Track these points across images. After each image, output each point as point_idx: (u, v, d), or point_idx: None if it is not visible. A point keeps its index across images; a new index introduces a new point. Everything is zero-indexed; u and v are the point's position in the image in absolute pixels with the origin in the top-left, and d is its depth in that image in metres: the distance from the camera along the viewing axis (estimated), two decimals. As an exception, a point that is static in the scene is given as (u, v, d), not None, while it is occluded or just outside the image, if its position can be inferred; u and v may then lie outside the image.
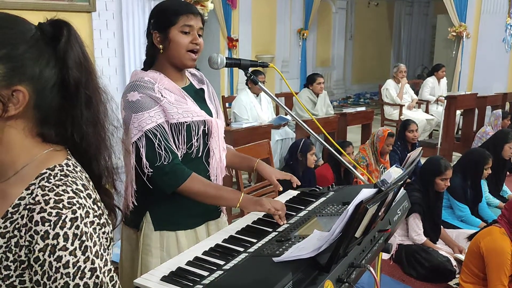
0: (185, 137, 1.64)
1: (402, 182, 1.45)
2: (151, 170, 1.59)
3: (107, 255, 0.85)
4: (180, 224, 1.72)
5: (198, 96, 1.77)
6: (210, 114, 1.75)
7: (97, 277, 0.80)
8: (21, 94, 0.82)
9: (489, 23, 7.76)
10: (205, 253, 1.41)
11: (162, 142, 1.59)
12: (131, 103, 1.60)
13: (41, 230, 0.77)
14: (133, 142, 1.58)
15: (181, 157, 1.66)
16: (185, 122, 1.64)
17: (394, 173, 1.47)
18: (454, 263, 3.30)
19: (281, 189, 1.84)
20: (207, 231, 1.79)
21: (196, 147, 1.68)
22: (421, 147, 2.10)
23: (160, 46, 1.66)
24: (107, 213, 0.93)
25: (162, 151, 1.58)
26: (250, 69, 1.88)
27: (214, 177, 1.77)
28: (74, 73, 0.87)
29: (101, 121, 0.93)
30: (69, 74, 0.87)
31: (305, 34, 9.80)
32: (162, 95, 1.62)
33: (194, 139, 1.67)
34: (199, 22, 1.66)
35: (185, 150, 1.66)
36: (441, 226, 3.65)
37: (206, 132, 1.71)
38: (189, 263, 1.34)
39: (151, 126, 1.58)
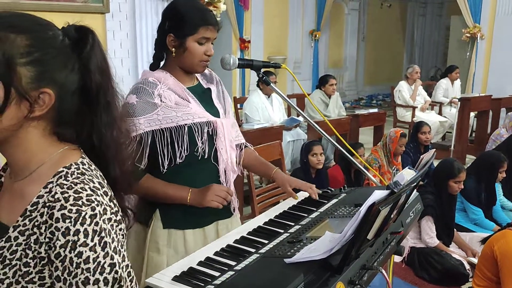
0: (187, 139, 1.64)
1: (415, 184, 1.44)
2: None
3: (124, 251, 0.86)
4: (188, 222, 1.73)
5: (205, 96, 1.78)
6: (216, 114, 1.75)
7: (116, 272, 0.82)
8: (48, 96, 0.84)
9: (504, 24, 7.67)
10: (216, 253, 1.41)
11: (138, 151, 1.59)
12: (125, 105, 1.61)
13: (62, 227, 0.79)
14: None
15: (182, 159, 1.65)
16: (186, 124, 1.64)
17: (407, 175, 1.46)
18: (467, 266, 3.27)
19: (296, 197, 1.83)
20: (216, 230, 1.79)
21: (202, 148, 1.68)
22: (434, 149, 2.08)
23: (173, 49, 1.67)
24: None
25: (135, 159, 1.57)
26: (262, 70, 1.88)
27: (223, 178, 1.76)
28: (96, 78, 0.89)
29: (119, 125, 0.95)
30: (92, 79, 0.89)
31: (317, 35, 9.77)
32: (161, 100, 1.63)
33: (199, 140, 1.66)
34: (215, 33, 1.68)
35: (188, 152, 1.65)
36: (454, 229, 3.62)
37: (211, 133, 1.71)
38: (200, 263, 1.34)
39: (136, 134, 1.59)
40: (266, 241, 1.48)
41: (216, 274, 1.27)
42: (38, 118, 0.86)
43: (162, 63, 1.77)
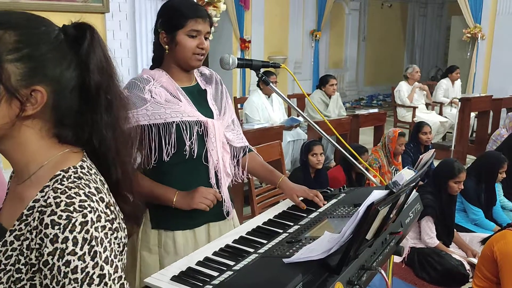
0: (175, 137, 1.64)
1: (414, 184, 1.43)
2: None
3: (119, 261, 0.83)
4: (178, 224, 1.71)
5: (200, 97, 1.77)
6: (210, 115, 1.73)
7: (106, 284, 0.78)
8: (40, 94, 0.81)
9: (504, 24, 7.66)
10: (215, 253, 1.41)
11: None
12: None
13: (50, 233, 0.76)
14: None
15: (169, 157, 1.64)
16: (174, 121, 1.63)
17: (406, 175, 1.46)
18: (467, 267, 3.26)
19: (304, 207, 1.78)
20: (207, 232, 1.76)
21: (191, 147, 1.66)
22: (433, 149, 2.07)
23: (166, 46, 1.68)
24: (122, 217, 0.92)
25: None
26: (262, 70, 1.87)
27: (214, 180, 1.73)
28: (96, 76, 0.86)
29: (121, 125, 0.92)
30: (90, 77, 0.86)
31: (317, 36, 9.78)
32: (151, 95, 1.63)
33: (187, 139, 1.65)
34: (207, 26, 1.67)
35: (175, 150, 1.64)
36: (454, 230, 3.61)
37: (201, 133, 1.69)
38: (199, 263, 1.34)
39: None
40: (265, 241, 1.47)
41: (215, 274, 1.26)
42: (32, 117, 0.83)
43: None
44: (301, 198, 1.83)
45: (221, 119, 1.77)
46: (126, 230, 0.92)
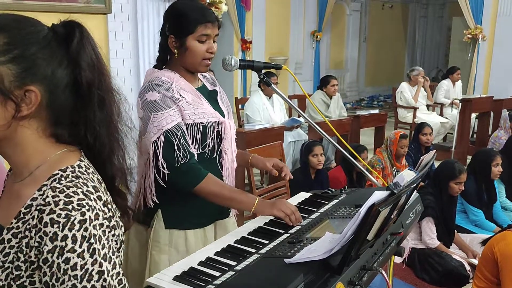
0: (200, 137, 1.67)
1: (415, 185, 1.44)
2: (168, 170, 1.61)
3: (116, 258, 0.84)
4: (190, 223, 1.75)
5: (211, 97, 1.80)
6: (222, 115, 1.78)
7: (105, 280, 0.80)
8: (33, 94, 0.82)
9: (505, 25, 7.67)
10: (217, 253, 1.41)
11: (181, 142, 1.61)
12: (150, 103, 1.62)
13: (50, 232, 0.77)
14: (153, 142, 1.61)
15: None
16: (201, 123, 1.67)
17: (407, 176, 1.46)
18: (468, 267, 3.27)
19: (276, 174, 1.83)
20: (214, 230, 1.82)
21: (210, 147, 1.70)
22: (434, 150, 2.08)
23: (175, 50, 1.69)
24: (119, 215, 0.93)
25: (180, 151, 1.60)
26: (263, 71, 1.88)
27: (226, 178, 1.80)
28: (87, 73, 0.87)
29: (114, 121, 0.93)
30: (82, 74, 0.86)
31: (318, 36, 9.79)
32: (180, 95, 1.65)
33: (209, 139, 1.69)
34: (216, 30, 1.69)
35: (199, 150, 1.68)
36: (455, 230, 3.62)
37: (220, 133, 1.74)
38: (201, 263, 1.35)
39: (171, 126, 1.61)
40: (266, 242, 1.48)
41: (217, 274, 1.27)
42: (27, 117, 0.84)
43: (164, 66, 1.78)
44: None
45: (230, 119, 1.82)
46: (123, 227, 0.93)
